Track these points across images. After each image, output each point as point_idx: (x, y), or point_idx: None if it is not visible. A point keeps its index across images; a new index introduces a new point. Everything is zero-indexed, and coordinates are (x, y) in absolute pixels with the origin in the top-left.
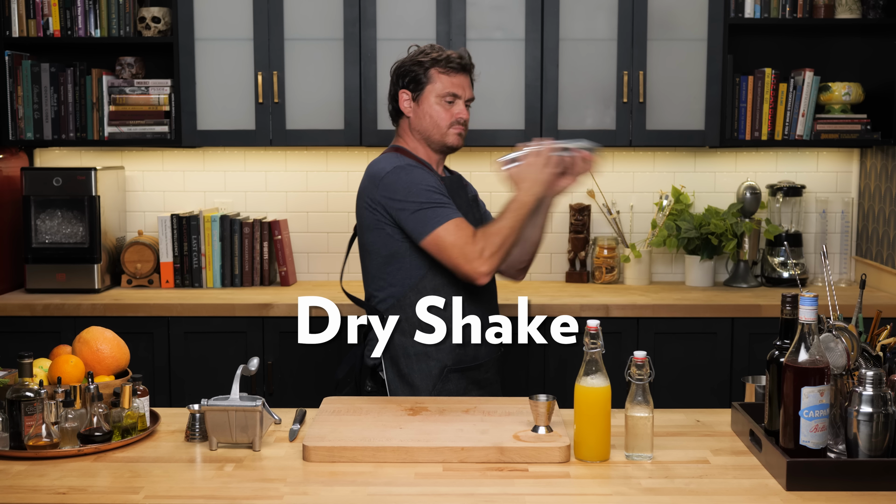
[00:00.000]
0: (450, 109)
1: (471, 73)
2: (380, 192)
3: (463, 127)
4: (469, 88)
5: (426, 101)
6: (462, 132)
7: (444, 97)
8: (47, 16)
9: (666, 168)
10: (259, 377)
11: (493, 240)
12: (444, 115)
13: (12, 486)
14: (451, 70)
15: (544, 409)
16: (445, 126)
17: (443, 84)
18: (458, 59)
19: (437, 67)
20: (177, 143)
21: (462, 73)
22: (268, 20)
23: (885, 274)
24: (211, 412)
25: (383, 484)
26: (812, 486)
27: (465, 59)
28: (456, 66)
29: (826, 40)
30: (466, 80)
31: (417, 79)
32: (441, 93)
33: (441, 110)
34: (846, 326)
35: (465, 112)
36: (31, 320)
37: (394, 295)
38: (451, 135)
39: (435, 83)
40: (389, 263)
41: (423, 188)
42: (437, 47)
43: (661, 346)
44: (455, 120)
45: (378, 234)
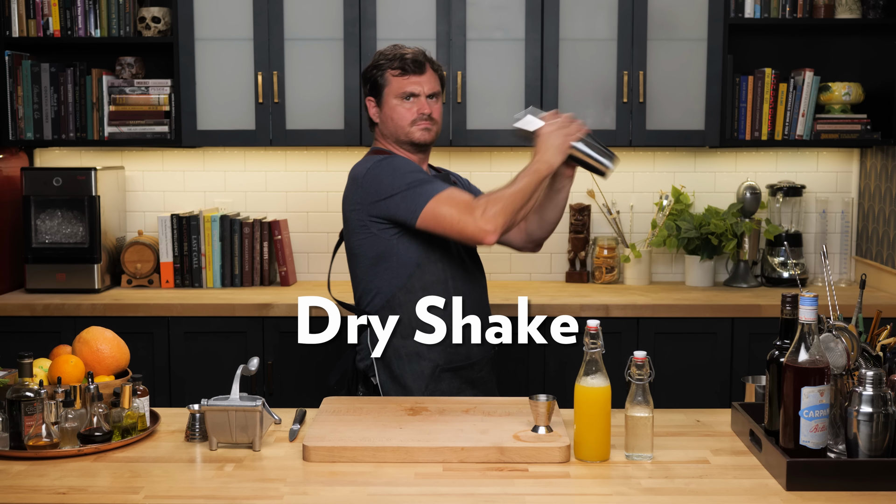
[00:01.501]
0: (410, 108)
1: (432, 68)
2: (362, 192)
3: (428, 121)
4: (430, 83)
5: (387, 104)
6: (428, 126)
7: (402, 97)
8: (47, 16)
9: (666, 168)
10: (259, 377)
11: (494, 200)
12: (405, 113)
13: (12, 486)
14: (405, 70)
15: (544, 409)
16: (407, 124)
17: (399, 84)
18: (410, 59)
19: (391, 70)
20: (177, 143)
21: (416, 73)
22: (268, 20)
23: (885, 274)
24: (211, 412)
25: (383, 484)
26: (812, 486)
27: (419, 57)
28: (409, 66)
29: (826, 40)
30: (424, 76)
31: (376, 83)
32: (398, 93)
33: (402, 110)
34: (846, 326)
35: (426, 106)
36: (31, 320)
37: (383, 296)
38: (415, 131)
39: (391, 85)
40: (377, 265)
41: (407, 171)
42: (394, 48)
43: (661, 346)
44: (416, 116)
45: (364, 236)
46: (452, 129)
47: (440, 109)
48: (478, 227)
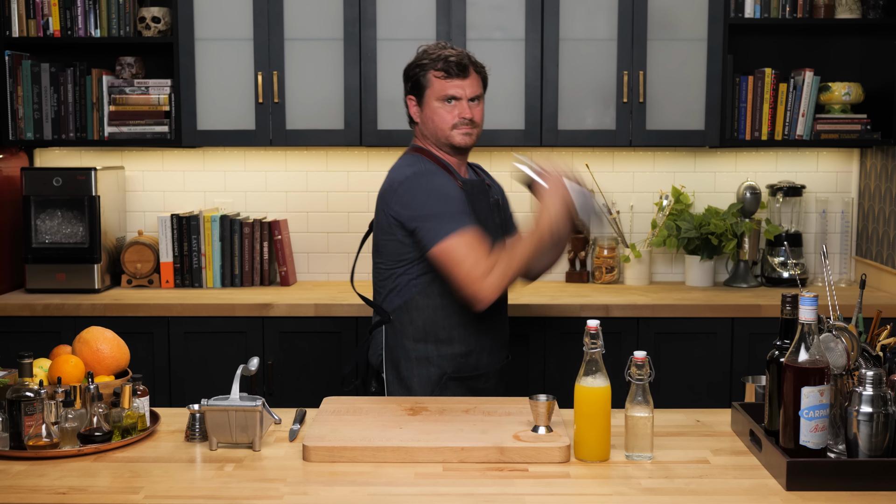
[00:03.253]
0: (451, 111)
1: (475, 71)
2: (396, 200)
3: (469, 125)
4: (472, 87)
5: (428, 105)
6: (469, 131)
7: (444, 99)
8: (47, 16)
9: (666, 168)
10: (259, 377)
11: (504, 268)
12: (446, 116)
13: (12, 486)
14: (448, 73)
15: (544, 409)
16: (447, 128)
17: (441, 87)
18: (454, 61)
19: (434, 71)
20: (177, 143)
21: (459, 76)
22: (268, 20)
23: (885, 274)
24: (211, 412)
25: (383, 484)
26: (812, 486)
27: (463, 59)
28: (453, 68)
29: (826, 40)
30: (467, 80)
31: (418, 83)
32: (439, 96)
33: (443, 112)
34: (846, 326)
35: (468, 111)
36: (31, 320)
37: (401, 296)
38: (455, 135)
39: (433, 86)
40: (398, 265)
41: (439, 196)
42: (438, 46)
43: (661, 346)
44: (458, 120)
45: (390, 238)
46: None
47: (482, 112)
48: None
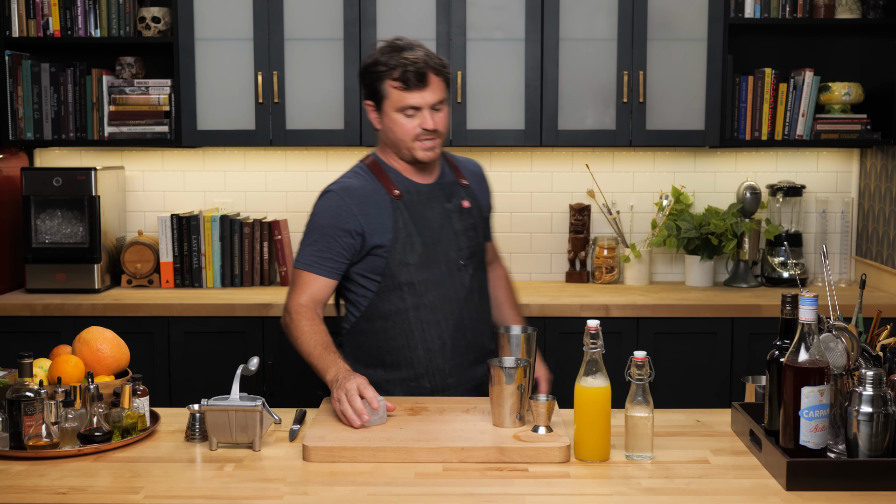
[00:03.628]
0: (412, 122)
1: (437, 74)
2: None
3: (432, 137)
4: (433, 94)
5: (387, 115)
6: (431, 145)
7: (403, 110)
8: (47, 16)
9: (666, 168)
10: (259, 377)
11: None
12: (407, 128)
13: (12, 486)
14: (407, 84)
15: (544, 409)
16: (409, 140)
17: (399, 97)
18: (412, 71)
19: (391, 80)
20: (177, 143)
21: (418, 86)
22: (268, 20)
23: (885, 274)
24: (211, 412)
25: (383, 484)
26: (812, 486)
27: (421, 67)
28: (411, 79)
29: (826, 40)
30: (427, 89)
31: (376, 91)
32: (398, 107)
33: (404, 123)
34: (846, 326)
35: (429, 121)
36: (31, 320)
37: (349, 320)
38: (417, 149)
39: (391, 97)
40: (345, 286)
41: (316, 222)
42: (392, 49)
43: (661, 346)
44: (419, 131)
45: None
46: (452, 129)
47: (445, 117)
48: (281, 320)
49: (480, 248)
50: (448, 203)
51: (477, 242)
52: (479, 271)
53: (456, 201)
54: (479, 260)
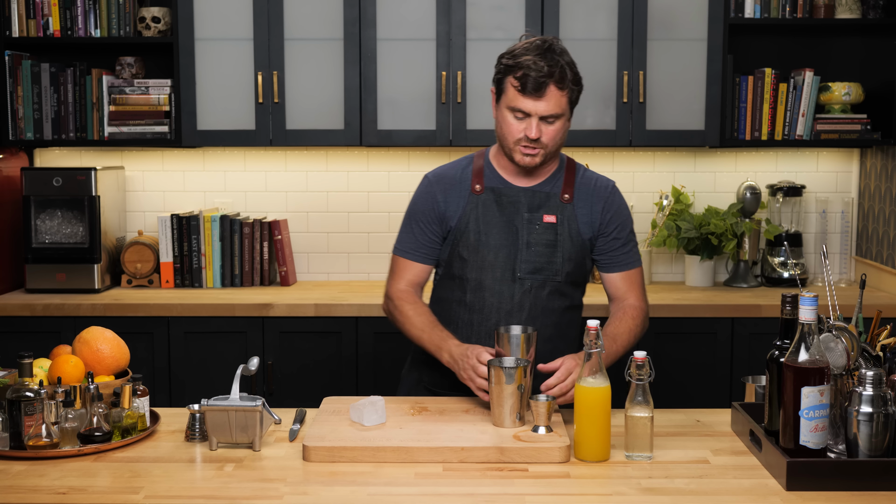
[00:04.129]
0: (518, 125)
1: (558, 87)
2: None
3: (532, 146)
4: (547, 106)
5: (500, 108)
6: (531, 152)
7: (514, 111)
8: (47, 16)
9: (666, 168)
10: (259, 377)
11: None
12: (512, 129)
13: (12, 486)
14: (524, 89)
15: (544, 409)
16: (510, 142)
17: (513, 97)
18: (532, 77)
19: (512, 77)
20: (177, 143)
21: (534, 95)
22: (268, 20)
23: (885, 274)
24: (211, 412)
25: (383, 484)
26: (812, 486)
27: (542, 77)
28: (529, 86)
29: (826, 40)
30: (541, 100)
31: (500, 82)
32: (509, 104)
33: (510, 123)
34: (846, 326)
35: (534, 130)
36: (31, 320)
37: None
38: (517, 152)
39: (507, 93)
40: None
41: (411, 208)
42: (530, 48)
43: (661, 346)
44: (521, 137)
45: None
46: (452, 129)
47: (556, 132)
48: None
49: (554, 267)
50: (529, 213)
51: (549, 261)
52: (542, 289)
53: (540, 213)
54: (547, 279)
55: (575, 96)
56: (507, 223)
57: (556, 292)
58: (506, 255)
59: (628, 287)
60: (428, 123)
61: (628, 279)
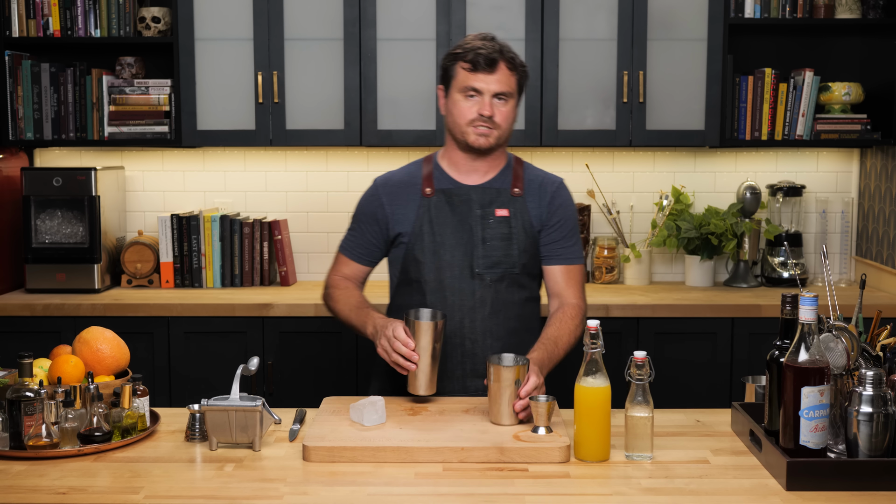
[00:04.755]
0: (471, 106)
1: (509, 67)
2: None
3: (487, 125)
4: (499, 83)
5: (451, 96)
6: (486, 131)
7: (466, 91)
8: (47, 16)
9: (666, 168)
10: (259, 377)
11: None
12: (465, 110)
13: (12, 486)
14: (475, 66)
15: (544, 409)
16: (464, 123)
17: (464, 78)
18: (483, 54)
19: (462, 62)
20: (177, 143)
21: (486, 70)
22: (268, 20)
23: (885, 274)
24: (211, 412)
25: (383, 484)
26: (812, 486)
27: (493, 53)
28: (480, 61)
29: (826, 40)
30: (493, 75)
31: (447, 73)
32: (461, 87)
33: (462, 106)
34: (846, 326)
35: (487, 107)
36: (31, 320)
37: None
38: (470, 133)
39: (458, 77)
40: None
41: (355, 210)
42: (477, 37)
43: (661, 346)
44: (475, 116)
45: None
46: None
47: (508, 113)
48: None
49: (510, 260)
50: (481, 209)
51: (506, 254)
52: (501, 283)
53: (492, 208)
54: (506, 272)
55: (523, 82)
56: (460, 222)
57: (515, 284)
58: (462, 253)
59: (567, 282)
60: (428, 123)
61: (567, 274)
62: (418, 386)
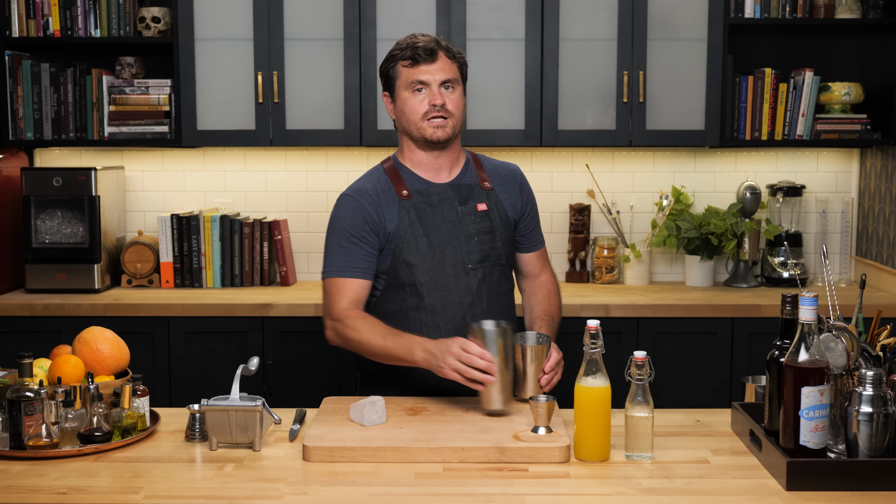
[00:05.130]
0: (421, 99)
1: (447, 55)
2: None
3: (441, 114)
4: (442, 71)
5: (399, 97)
6: (442, 122)
7: (412, 87)
8: (47, 16)
9: (666, 168)
10: (259, 377)
11: (353, 333)
12: (416, 106)
13: (12, 486)
14: (416, 60)
15: (544, 409)
16: (418, 118)
17: (408, 74)
18: (421, 47)
19: (402, 60)
20: (177, 143)
21: (427, 61)
22: (268, 20)
23: (885, 274)
24: (211, 412)
25: (383, 484)
26: (812, 486)
27: (430, 44)
28: (420, 54)
29: (826, 40)
30: (435, 64)
31: (389, 76)
32: (406, 83)
33: (413, 102)
34: (846, 326)
35: (438, 97)
36: (31, 320)
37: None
38: (426, 127)
39: (402, 76)
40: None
41: (338, 228)
42: (409, 38)
43: (661, 346)
44: (428, 108)
45: None
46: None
47: (458, 101)
48: (327, 334)
49: (497, 252)
50: (461, 205)
51: (492, 247)
52: (492, 276)
53: (471, 204)
54: (494, 265)
55: (465, 72)
56: (444, 220)
57: (503, 276)
58: (452, 250)
59: (542, 263)
60: None
61: (541, 256)
62: (495, 400)
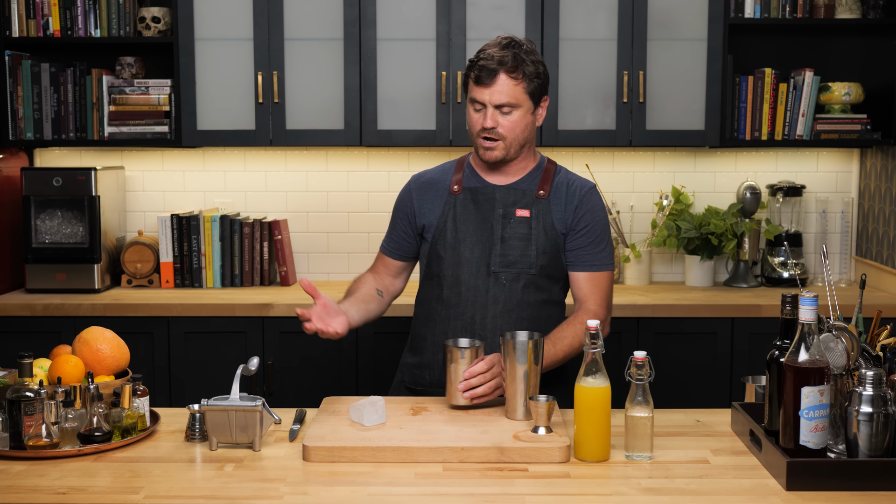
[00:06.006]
0: (477, 118)
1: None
2: None
3: (491, 136)
4: (498, 94)
5: (467, 105)
6: (491, 145)
7: (473, 104)
8: (47, 16)
9: (666, 168)
10: (259, 377)
11: (355, 297)
12: (473, 122)
13: (12, 486)
14: (478, 79)
15: (544, 409)
16: (473, 135)
17: (471, 89)
18: (483, 65)
19: (471, 72)
20: (177, 143)
21: (486, 83)
22: (268, 20)
23: (885, 274)
24: (211, 412)
25: (383, 484)
26: (812, 486)
27: (491, 64)
28: (482, 74)
29: (826, 40)
30: (491, 87)
31: (465, 78)
32: (470, 98)
33: (472, 115)
34: (846, 326)
35: (489, 120)
36: (31, 320)
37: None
38: (479, 146)
39: (469, 88)
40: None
41: (392, 208)
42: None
43: (661, 346)
44: (479, 129)
45: None
46: (452, 130)
47: (514, 123)
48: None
49: (527, 260)
50: (503, 208)
51: (523, 254)
52: (517, 283)
53: (513, 208)
54: (522, 272)
55: (534, 89)
56: (482, 220)
57: (532, 286)
58: (480, 251)
59: (591, 289)
60: (428, 123)
61: (592, 281)
62: (456, 399)
